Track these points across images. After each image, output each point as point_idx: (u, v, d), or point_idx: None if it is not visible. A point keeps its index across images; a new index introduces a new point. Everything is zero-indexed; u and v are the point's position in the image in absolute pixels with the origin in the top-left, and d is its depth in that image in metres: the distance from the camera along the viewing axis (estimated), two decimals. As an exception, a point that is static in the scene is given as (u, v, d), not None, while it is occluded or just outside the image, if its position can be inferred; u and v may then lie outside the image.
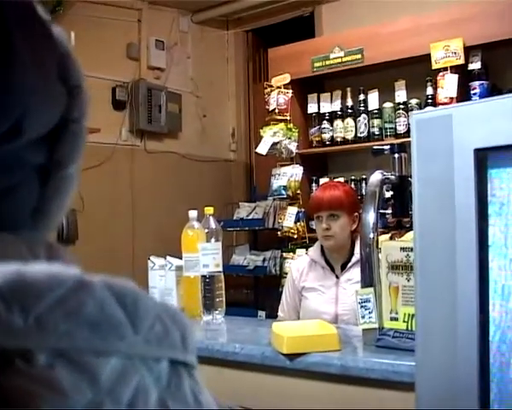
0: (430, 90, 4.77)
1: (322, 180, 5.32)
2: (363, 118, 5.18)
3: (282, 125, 5.12)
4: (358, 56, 5.05)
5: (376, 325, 2.16)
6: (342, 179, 5.09)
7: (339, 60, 5.16)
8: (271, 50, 5.68)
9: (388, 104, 5.04)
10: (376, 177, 2.29)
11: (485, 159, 1.14)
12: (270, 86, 5.29)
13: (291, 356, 2.12)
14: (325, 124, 5.38)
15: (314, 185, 5.37)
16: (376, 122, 5.11)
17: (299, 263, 3.61)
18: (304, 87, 5.44)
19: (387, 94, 5.05)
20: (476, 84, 4.53)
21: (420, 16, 4.73)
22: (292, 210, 5.07)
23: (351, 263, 3.35)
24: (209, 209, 2.91)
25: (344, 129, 5.28)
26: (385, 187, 2.32)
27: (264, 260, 5.60)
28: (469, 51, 4.54)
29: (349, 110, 5.28)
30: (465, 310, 1.15)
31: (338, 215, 3.33)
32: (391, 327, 2.12)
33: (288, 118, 5.18)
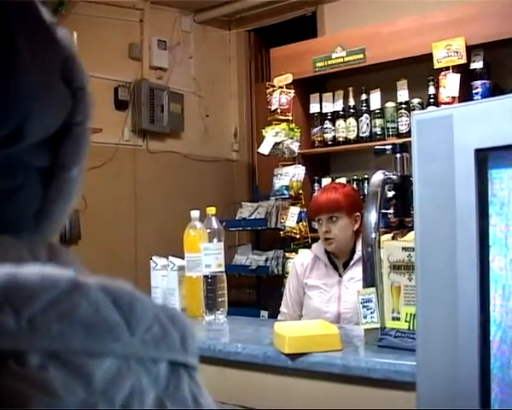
0: (432, 89, 4.77)
1: (324, 180, 5.32)
2: (365, 118, 5.17)
3: (285, 125, 5.12)
4: (360, 56, 5.04)
5: (378, 325, 2.16)
6: (344, 179, 5.09)
7: (341, 59, 5.16)
8: (273, 50, 5.67)
9: (390, 104, 5.04)
10: (378, 177, 2.29)
11: (485, 159, 1.14)
12: (272, 86, 5.29)
13: (293, 356, 2.12)
14: (327, 124, 5.38)
15: (316, 185, 5.37)
16: (378, 122, 5.11)
17: (303, 258, 3.61)
18: (306, 87, 5.44)
19: (389, 94, 5.05)
20: (478, 83, 4.53)
21: (422, 16, 4.73)
22: (294, 210, 5.07)
23: (353, 261, 3.35)
24: (211, 209, 2.91)
25: (346, 129, 5.28)
26: (387, 187, 2.31)
27: (266, 260, 5.60)
28: (471, 51, 4.53)
29: (351, 110, 5.28)
30: (466, 310, 1.15)
31: (337, 217, 3.34)
32: (393, 327, 2.12)
33: (290, 118, 5.18)
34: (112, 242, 5.41)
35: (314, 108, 5.47)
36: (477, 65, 4.55)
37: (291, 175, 5.14)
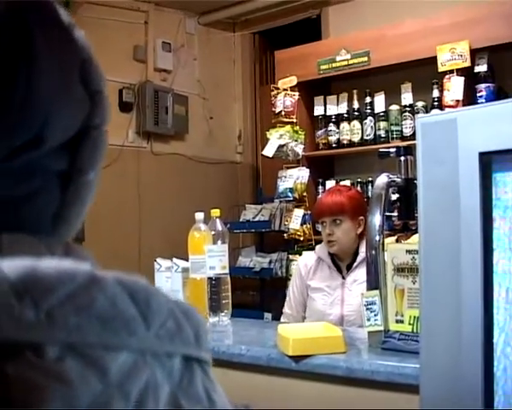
0: (436, 92, 4.77)
1: (328, 183, 5.32)
2: (369, 120, 5.18)
3: (289, 127, 5.13)
4: (365, 59, 5.05)
5: (382, 328, 2.16)
6: (348, 182, 5.10)
7: (345, 62, 5.16)
8: (278, 53, 5.68)
9: (394, 107, 5.04)
10: (382, 179, 2.29)
11: (489, 162, 1.14)
12: (276, 88, 5.30)
13: (297, 358, 2.12)
14: (331, 126, 5.39)
15: (320, 188, 5.37)
16: (383, 125, 5.11)
17: (307, 259, 3.60)
18: (310, 89, 5.45)
19: (394, 96, 5.05)
20: (482, 86, 4.53)
21: (426, 19, 4.73)
22: (298, 212, 5.07)
23: (356, 263, 3.35)
24: (215, 211, 2.92)
25: (350, 131, 5.28)
26: (391, 190, 2.32)
27: (270, 262, 5.60)
28: (476, 54, 4.53)
29: (355, 113, 5.28)
30: (469, 313, 1.15)
31: (341, 220, 3.35)
32: (396, 330, 2.12)
33: (295, 120, 5.18)
34: (116, 243, 5.42)
35: (318, 111, 5.47)
36: (481, 68, 4.54)
37: (295, 177, 5.15)
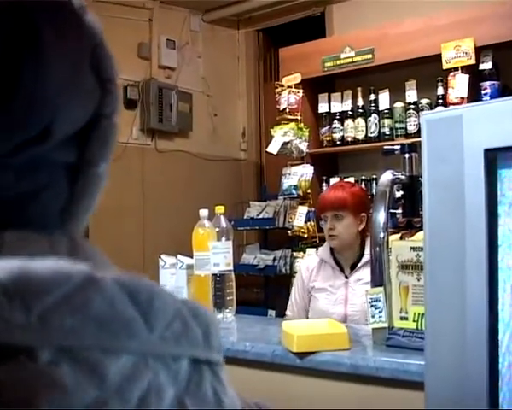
0: (441, 90, 4.76)
1: (332, 180, 5.32)
2: (373, 118, 5.17)
3: (293, 124, 5.12)
4: (369, 56, 5.04)
5: (386, 325, 2.16)
6: (352, 179, 5.09)
7: (349, 60, 5.15)
8: (282, 50, 5.67)
9: (399, 104, 5.04)
10: (387, 177, 2.29)
11: (495, 159, 1.14)
12: (280, 86, 5.29)
13: (301, 355, 2.13)
14: (336, 123, 5.38)
15: (324, 185, 5.36)
16: (387, 122, 5.10)
17: (308, 262, 3.63)
18: (314, 87, 5.44)
19: (398, 94, 5.04)
20: (487, 84, 4.52)
21: (431, 16, 4.72)
22: (302, 209, 5.07)
23: (360, 263, 3.35)
24: (220, 208, 2.92)
25: (354, 129, 5.28)
26: (395, 187, 2.32)
27: (274, 259, 5.60)
28: (480, 51, 4.52)
29: (360, 110, 5.28)
30: (474, 309, 1.15)
31: (342, 215, 3.35)
32: (401, 326, 2.12)
33: (299, 117, 5.18)
34: (120, 240, 5.42)
35: (323, 108, 5.47)
36: (486, 66, 4.54)
37: (299, 175, 5.14)
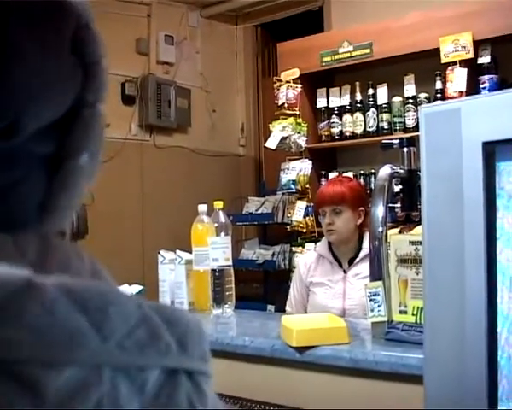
0: (439, 84, 4.76)
1: (331, 175, 5.32)
2: (372, 112, 5.17)
3: (292, 119, 5.12)
4: (367, 51, 5.04)
5: (385, 319, 2.16)
6: (351, 174, 5.09)
7: (348, 54, 5.15)
8: (280, 45, 5.67)
9: (397, 98, 5.04)
10: (385, 171, 2.29)
11: (493, 152, 1.14)
12: (279, 81, 5.29)
13: (300, 349, 2.12)
14: (334, 118, 5.38)
15: (323, 180, 5.36)
16: (385, 116, 5.10)
17: (306, 258, 3.63)
18: (313, 81, 5.44)
19: (396, 88, 5.04)
20: (485, 78, 4.52)
21: (429, 10, 4.71)
22: (301, 204, 5.07)
23: (359, 258, 3.36)
24: (218, 203, 2.92)
25: (353, 123, 5.28)
26: (394, 181, 2.32)
27: (273, 254, 5.60)
28: (479, 45, 4.53)
29: (358, 104, 5.28)
30: (473, 302, 1.15)
31: (341, 210, 3.35)
32: (400, 320, 2.12)
33: (298, 112, 5.17)
34: (119, 236, 5.43)
35: (321, 103, 5.47)
36: (484, 60, 4.54)
37: (298, 170, 5.14)
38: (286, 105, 5.19)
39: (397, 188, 2.33)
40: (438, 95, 4.75)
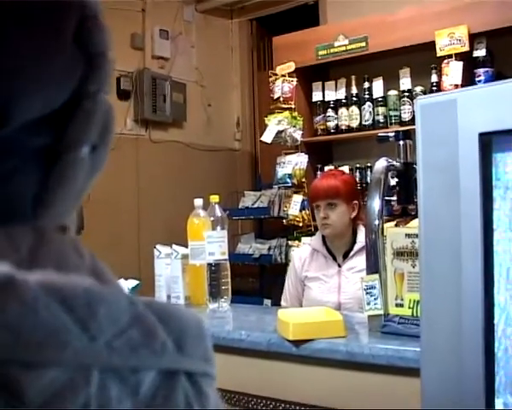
0: (435, 77, 4.75)
1: (326, 168, 5.31)
2: (367, 106, 5.16)
3: (287, 113, 5.12)
4: (363, 44, 5.03)
5: (382, 312, 2.16)
6: (347, 167, 5.10)
7: (343, 48, 5.14)
8: (276, 39, 5.66)
9: (393, 92, 5.03)
10: (381, 164, 2.29)
11: (489, 143, 1.14)
12: (274, 75, 5.28)
13: (297, 343, 2.13)
14: (330, 112, 5.37)
15: (319, 173, 5.36)
16: (381, 110, 5.10)
17: (301, 252, 3.63)
18: (308, 75, 5.43)
19: (392, 82, 5.04)
20: (481, 71, 4.52)
21: (424, 4, 4.71)
22: (297, 198, 5.07)
23: (353, 252, 3.36)
24: (214, 197, 2.92)
25: (349, 117, 5.28)
26: (390, 174, 2.32)
27: (269, 248, 5.61)
28: (474, 38, 4.52)
29: (354, 98, 5.27)
30: (470, 294, 1.15)
31: (335, 204, 3.35)
32: (396, 313, 2.12)
33: (293, 106, 5.17)
34: (115, 231, 5.42)
35: (317, 97, 5.46)
36: (480, 53, 4.53)
37: (294, 163, 5.14)
38: (281, 99, 5.19)
39: (393, 181, 2.33)
40: (433, 88, 4.74)
